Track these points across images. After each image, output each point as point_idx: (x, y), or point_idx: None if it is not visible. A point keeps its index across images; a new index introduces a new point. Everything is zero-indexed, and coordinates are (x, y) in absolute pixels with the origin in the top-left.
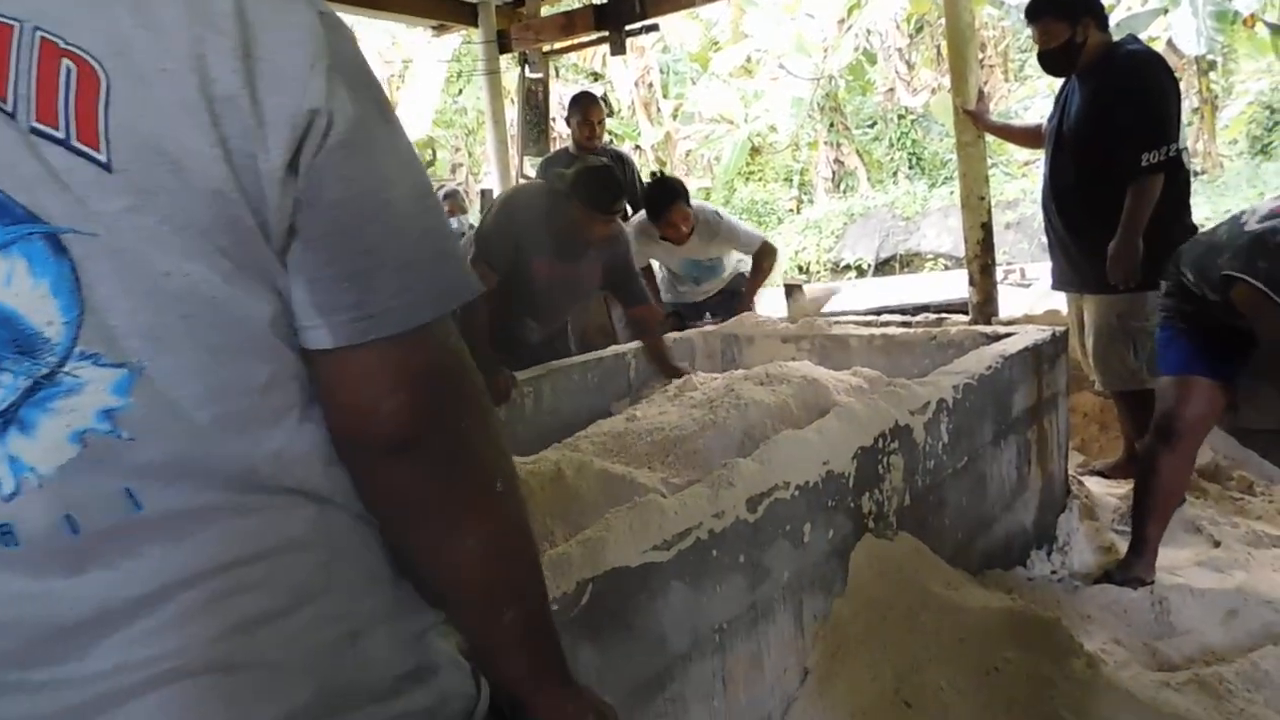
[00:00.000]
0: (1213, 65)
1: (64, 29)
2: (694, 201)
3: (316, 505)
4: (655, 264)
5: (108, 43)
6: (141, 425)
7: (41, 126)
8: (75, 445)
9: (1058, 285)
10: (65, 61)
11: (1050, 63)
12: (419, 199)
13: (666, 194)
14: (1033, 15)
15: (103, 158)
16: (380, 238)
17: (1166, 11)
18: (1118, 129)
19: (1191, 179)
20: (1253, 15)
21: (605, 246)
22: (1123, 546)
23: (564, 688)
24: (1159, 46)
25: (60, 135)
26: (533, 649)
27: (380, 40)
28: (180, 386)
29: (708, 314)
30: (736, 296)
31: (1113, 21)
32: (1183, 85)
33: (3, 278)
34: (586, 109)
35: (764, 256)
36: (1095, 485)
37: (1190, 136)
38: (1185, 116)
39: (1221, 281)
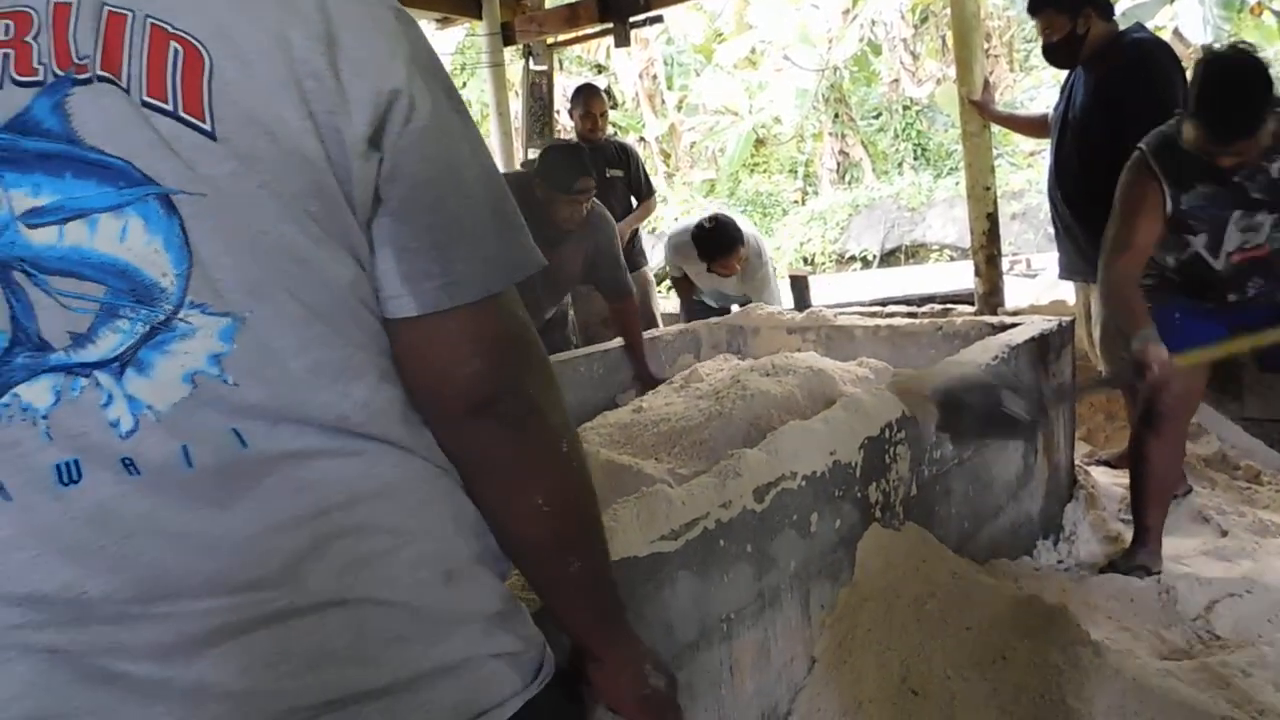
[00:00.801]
0: None
1: (171, 15)
2: (747, 234)
3: (404, 453)
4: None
5: (210, 27)
6: (244, 370)
7: (152, 100)
8: (187, 385)
9: (1065, 274)
10: (173, 44)
11: (1054, 55)
12: (489, 178)
13: (725, 242)
14: (1034, 9)
15: (207, 127)
16: (459, 212)
17: (1173, 0)
18: (1123, 117)
19: None
20: (1259, 4)
21: (586, 233)
22: (1129, 536)
23: (625, 636)
24: (1166, 35)
25: (169, 107)
26: (597, 598)
27: None
28: (277, 336)
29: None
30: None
31: (1120, 10)
32: (1189, 74)
33: (118, 234)
34: (589, 101)
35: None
36: (1101, 475)
37: None
38: None
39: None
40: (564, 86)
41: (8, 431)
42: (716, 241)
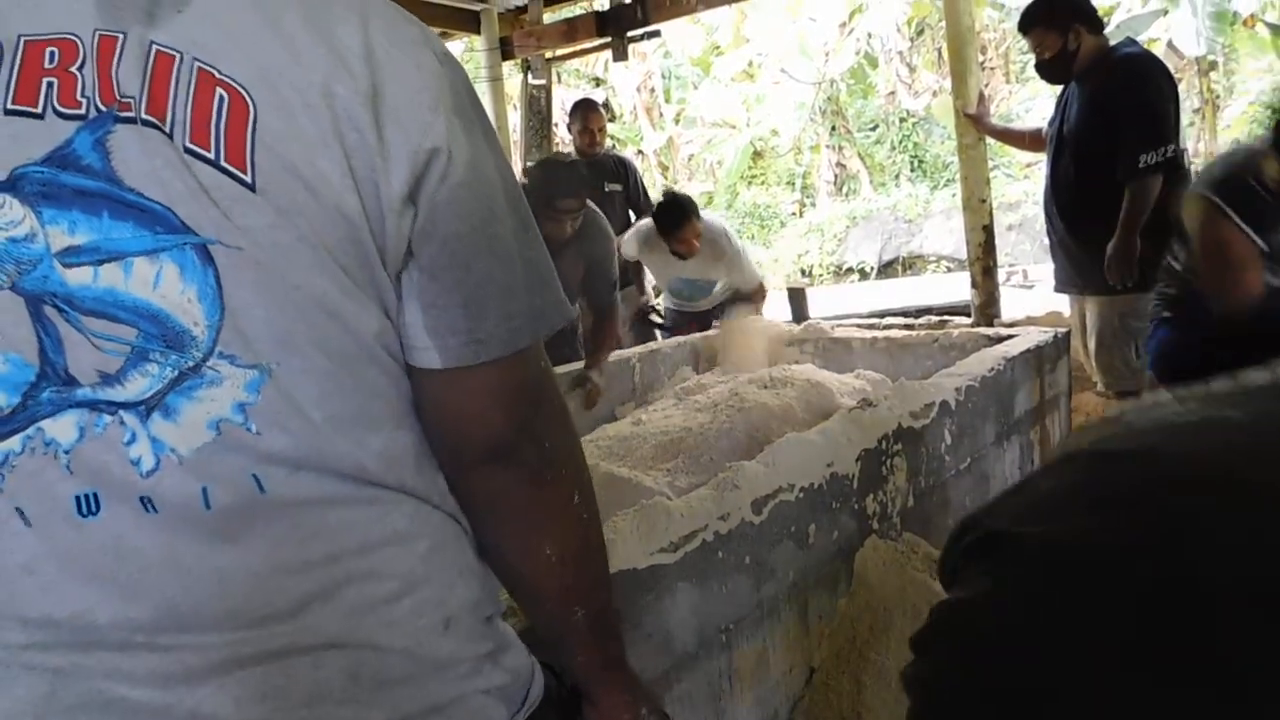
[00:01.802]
0: (1213, 65)
1: (220, 61)
2: (706, 216)
3: (415, 503)
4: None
5: (257, 75)
6: (268, 421)
7: (195, 147)
8: (212, 431)
9: (1060, 287)
10: (219, 90)
11: (1047, 72)
12: (522, 230)
13: (679, 211)
14: (1024, 28)
15: (248, 178)
16: (491, 269)
17: (1166, 13)
18: (1116, 131)
19: (1192, 179)
20: (1253, 16)
21: (584, 243)
22: None
23: (623, 680)
24: (1159, 48)
25: (211, 156)
26: (598, 644)
27: None
28: (300, 388)
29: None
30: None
31: (1112, 23)
32: (1184, 86)
33: (153, 280)
34: (587, 116)
35: (758, 297)
36: None
37: (1192, 137)
38: (1187, 117)
39: (1180, 235)
40: (562, 100)
41: (31, 462)
42: (673, 211)
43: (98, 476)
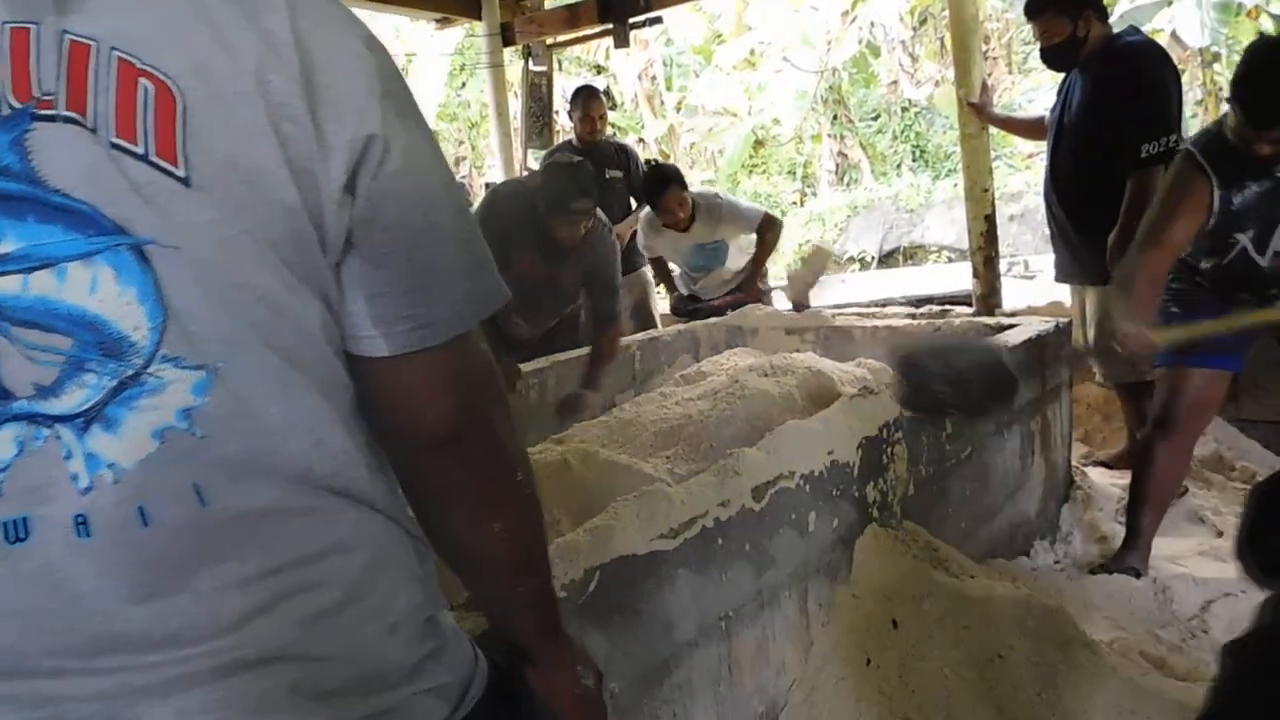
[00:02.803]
0: (1217, 57)
1: (141, 50)
2: (694, 188)
3: (358, 509)
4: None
5: (185, 65)
6: (215, 424)
7: (121, 142)
8: (156, 441)
9: (1060, 277)
10: (143, 81)
11: (1052, 58)
12: (460, 214)
13: (660, 180)
14: (1034, 12)
15: (181, 173)
16: (433, 254)
17: (1170, 3)
18: (1118, 120)
19: None
20: (1257, 7)
21: (585, 250)
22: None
23: (561, 642)
24: (1163, 38)
25: (139, 150)
26: (540, 611)
27: (384, 33)
28: (251, 387)
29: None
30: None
31: (1117, 13)
32: (1187, 77)
33: (88, 285)
34: (588, 104)
35: (766, 229)
36: (1098, 476)
37: (1193, 128)
38: (1189, 108)
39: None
40: (563, 87)
41: None
42: (656, 179)
43: (30, 498)
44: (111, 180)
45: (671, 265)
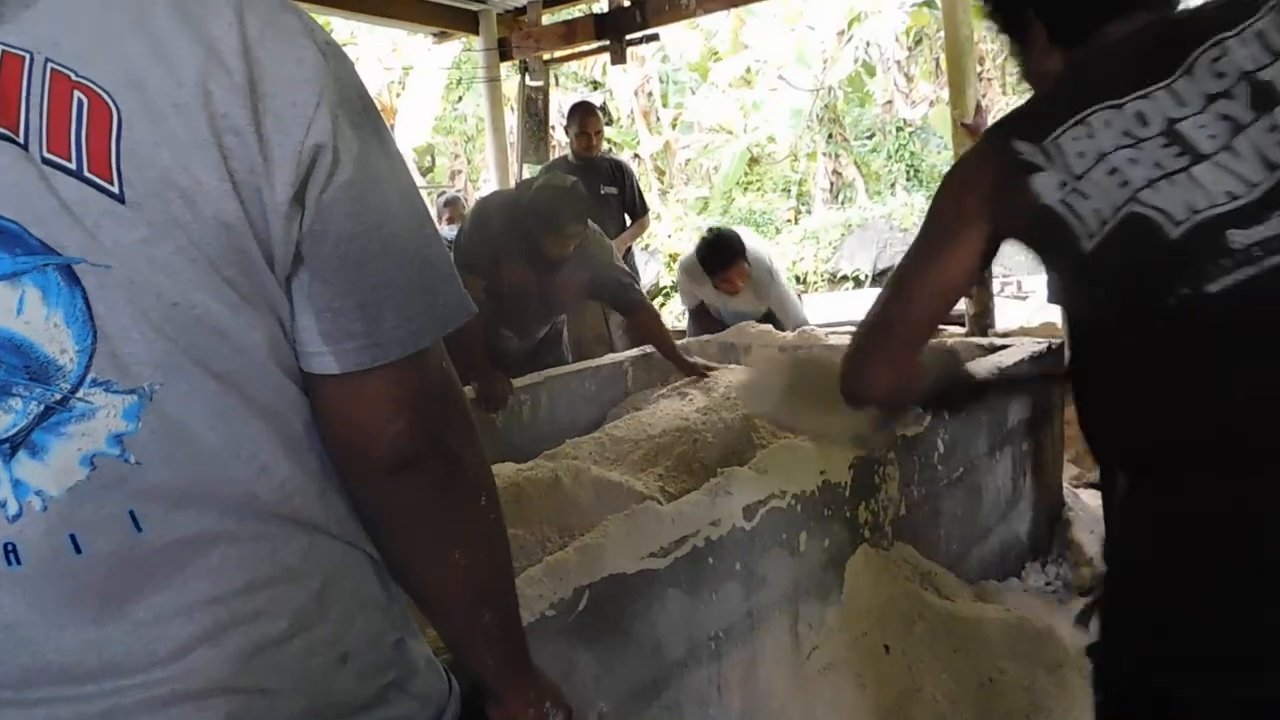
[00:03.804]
0: None
1: (76, 62)
2: (751, 247)
3: (310, 535)
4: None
5: (121, 77)
6: (148, 450)
7: (53, 157)
8: (85, 468)
9: (1053, 297)
10: (77, 94)
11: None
12: (419, 228)
13: (726, 254)
14: None
15: (115, 189)
16: (386, 270)
17: None
18: None
19: None
20: None
21: (581, 261)
22: None
23: (528, 677)
24: None
25: (72, 166)
26: (504, 644)
27: (381, 47)
28: (188, 413)
29: None
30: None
31: None
32: None
33: (14, 307)
34: (584, 120)
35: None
36: (1090, 498)
37: None
38: None
39: None
40: (560, 103)
41: None
42: (716, 253)
43: None
44: (40, 198)
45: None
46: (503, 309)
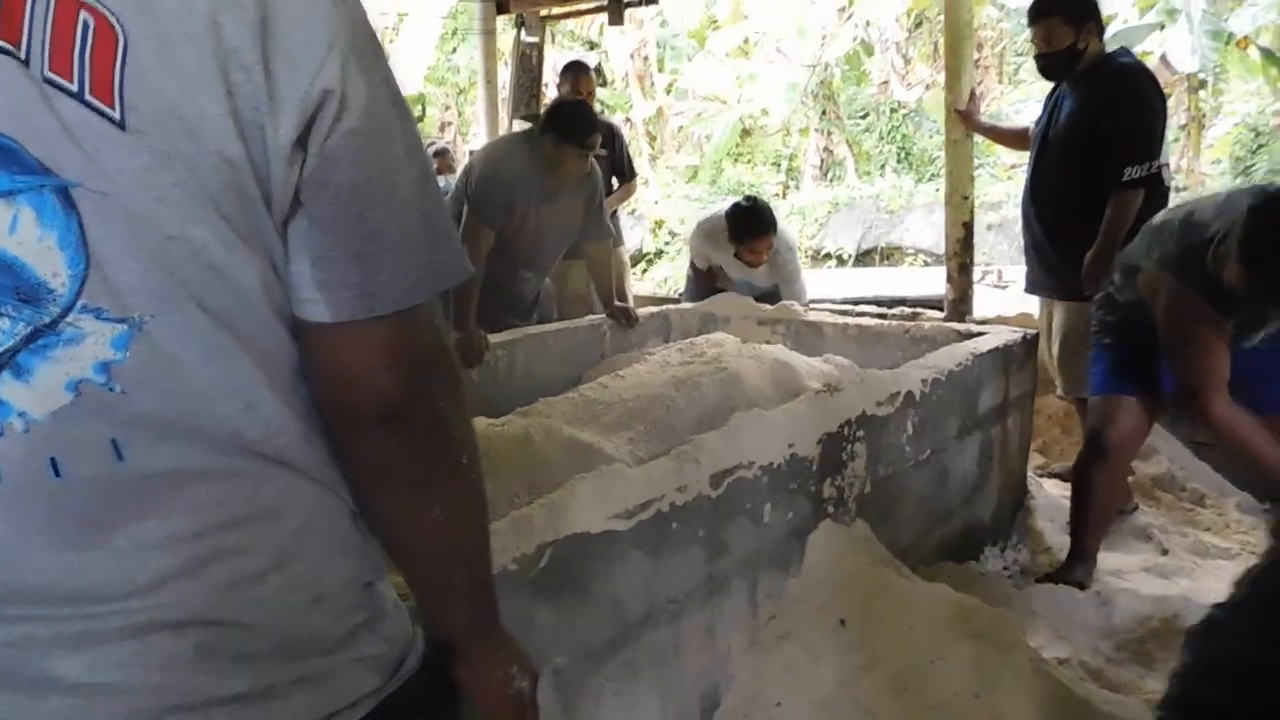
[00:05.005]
0: (1203, 84)
1: None
2: (780, 227)
3: (290, 475)
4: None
5: (131, 2)
6: (135, 380)
7: (55, 77)
8: (70, 393)
9: (1030, 288)
10: (83, 14)
11: (1050, 66)
12: (422, 181)
13: (760, 224)
14: (1040, 14)
15: (116, 115)
16: (386, 221)
17: (1163, 27)
18: (1103, 140)
19: (1173, 195)
20: (1246, 38)
21: (583, 183)
22: None
23: (496, 639)
24: (1152, 61)
25: (74, 88)
26: (475, 605)
27: None
28: (179, 346)
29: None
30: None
31: (1109, 33)
32: (1172, 101)
33: (7, 225)
34: (577, 79)
35: None
36: (1052, 487)
37: (1175, 152)
38: (1172, 133)
39: (1126, 276)
40: (555, 61)
41: None
42: (752, 221)
43: None
44: (40, 117)
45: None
46: (523, 250)
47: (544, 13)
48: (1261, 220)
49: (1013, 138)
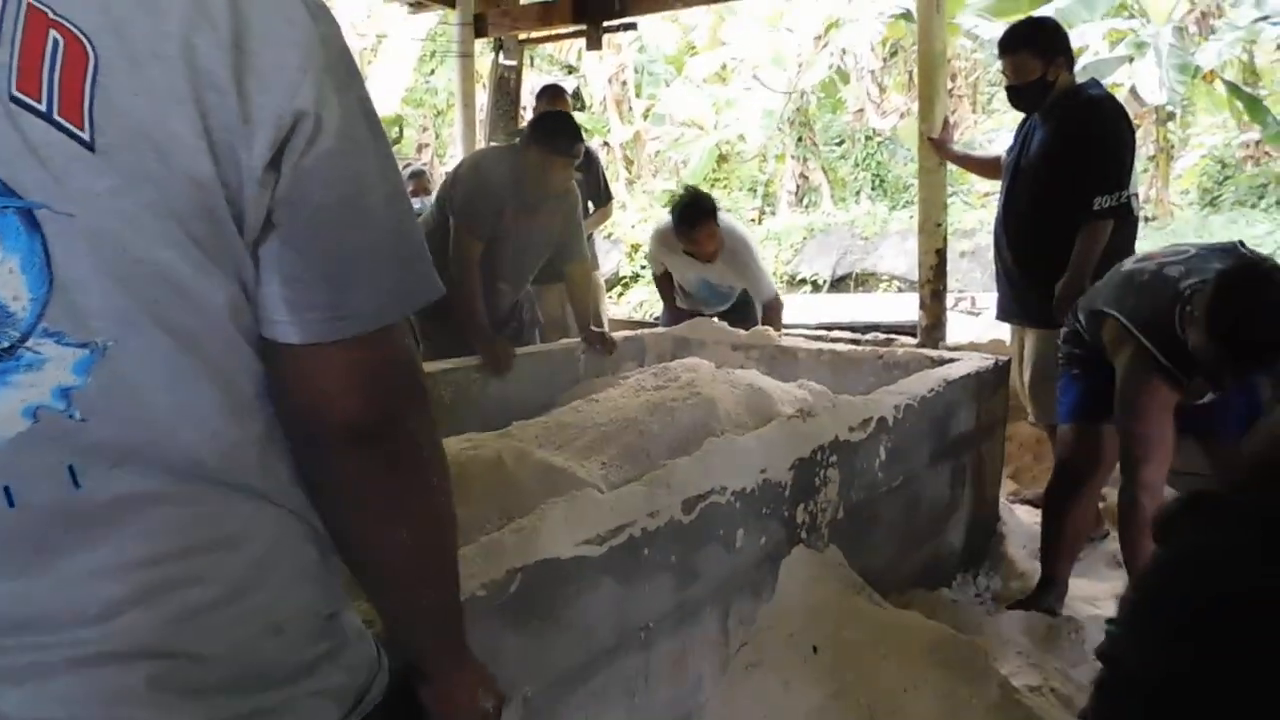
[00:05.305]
0: (1171, 116)
1: (55, 0)
2: (726, 221)
3: (254, 502)
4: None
5: (102, 20)
6: (96, 406)
7: (22, 96)
8: (27, 420)
9: (1002, 316)
10: (53, 33)
11: (1019, 97)
12: (394, 202)
13: (698, 211)
14: (1009, 48)
15: (85, 136)
16: (358, 242)
17: (1132, 60)
18: (1073, 171)
19: (1142, 225)
20: (1212, 72)
21: (562, 198)
22: None
23: (463, 661)
24: (1122, 93)
25: (41, 107)
26: (442, 627)
27: (356, 12)
28: (141, 372)
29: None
30: (742, 314)
31: (1080, 65)
32: (1141, 133)
33: None
34: (552, 103)
35: (772, 313)
36: (1024, 514)
37: (1144, 183)
38: (1141, 164)
39: (1091, 318)
40: (533, 84)
41: None
42: (691, 210)
43: None
44: (5, 137)
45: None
46: (502, 261)
47: (522, 36)
48: (1227, 290)
49: (985, 166)
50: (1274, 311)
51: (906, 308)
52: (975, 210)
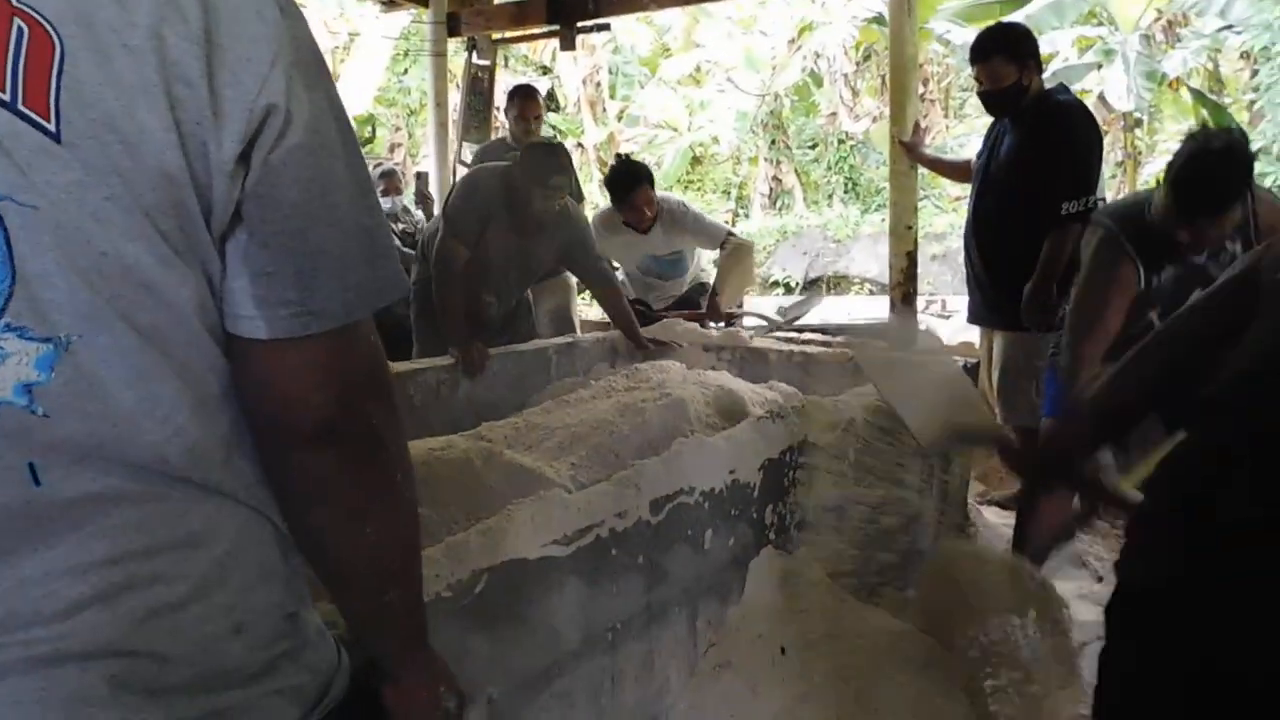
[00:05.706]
0: (1139, 122)
1: None
2: (662, 192)
3: (216, 501)
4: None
5: (68, 10)
6: (59, 403)
7: None
8: None
9: (972, 319)
10: (17, 21)
11: (994, 103)
12: (362, 198)
13: (632, 176)
14: (982, 54)
15: (51, 127)
16: (325, 238)
17: (1100, 67)
18: (1042, 176)
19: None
20: (1178, 79)
21: (559, 227)
22: None
23: (425, 660)
24: (1090, 99)
25: (5, 97)
26: (405, 625)
27: (328, 10)
28: (106, 367)
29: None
30: (694, 305)
31: (1049, 71)
32: (1109, 139)
33: None
34: (523, 104)
35: (739, 254)
36: (992, 515)
37: (1112, 188)
38: (1109, 169)
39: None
40: (506, 84)
41: None
42: (625, 176)
43: None
44: None
45: (617, 267)
46: (487, 274)
47: (496, 36)
48: (1187, 140)
49: (955, 170)
50: (1225, 155)
51: (878, 310)
52: (946, 214)
